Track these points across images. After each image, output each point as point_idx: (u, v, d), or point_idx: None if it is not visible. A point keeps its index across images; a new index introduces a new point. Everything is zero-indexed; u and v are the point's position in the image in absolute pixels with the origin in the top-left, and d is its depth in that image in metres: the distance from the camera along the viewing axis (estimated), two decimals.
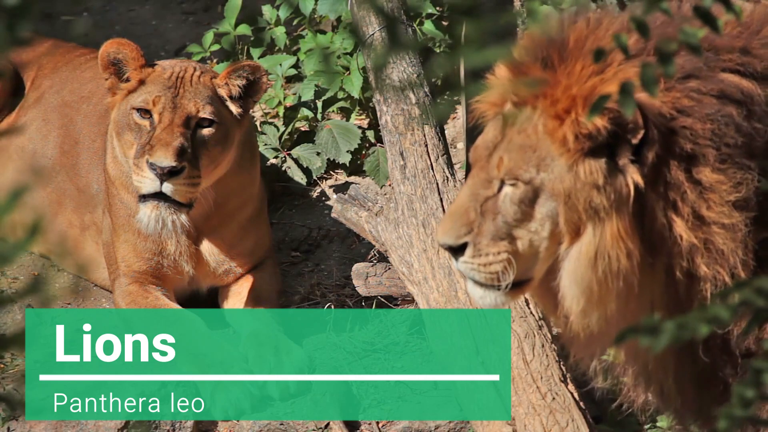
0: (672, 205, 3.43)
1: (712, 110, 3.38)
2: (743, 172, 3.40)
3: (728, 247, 3.43)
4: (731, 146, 3.40)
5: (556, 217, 3.54)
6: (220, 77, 5.10)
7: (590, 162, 3.44)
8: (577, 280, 3.53)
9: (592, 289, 3.52)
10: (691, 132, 3.39)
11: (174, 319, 5.14)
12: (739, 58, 3.41)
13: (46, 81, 5.83)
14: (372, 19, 5.07)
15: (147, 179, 4.89)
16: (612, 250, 3.46)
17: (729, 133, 3.39)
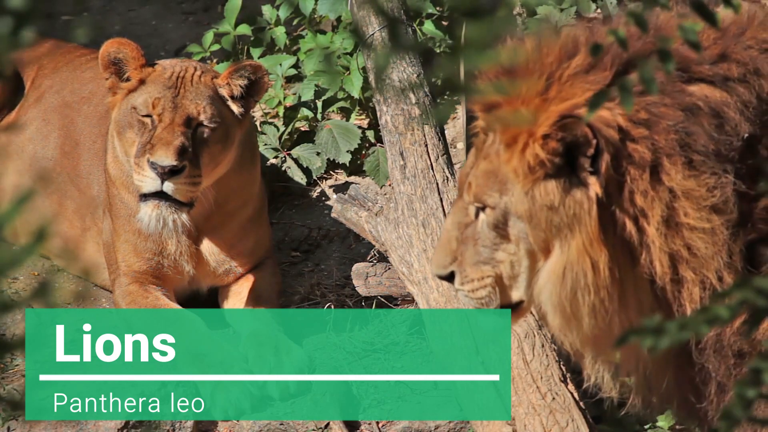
0: (641, 213, 3.46)
1: (674, 121, 3.41)
2: (717, 177, 3.42)
3: (711, 250, 3.44)
4: (703, 153, 3.42)
5: (527, 237, 3.59)
6: (221, 77, 5.10)
7: (545, 184, 3.51)
8: (550, 298, 3.59)
9: (564, 305, 3.56)
10: (651, 142, 3.43)
11: (174, 319, 5.14)
12: (711, 69, 3.43)
13: (47, 81, 5.83)
14: (372, 19, 5.07)
15: (148, 178, 4.89)
16: (577, 264, 3.51)
17: (699, 141, 3.42)
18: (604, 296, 3.52)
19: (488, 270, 3.72)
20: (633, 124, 3.42)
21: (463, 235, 3.73)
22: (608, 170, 3.43)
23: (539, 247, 3.58)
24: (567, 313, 3.57)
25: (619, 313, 3.55)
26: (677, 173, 3.41)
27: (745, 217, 3.43)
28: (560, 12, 6.24)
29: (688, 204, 3.43)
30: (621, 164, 3.44)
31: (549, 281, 3.57)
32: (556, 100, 3.46)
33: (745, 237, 3.43)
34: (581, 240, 3.47)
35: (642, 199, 3.43)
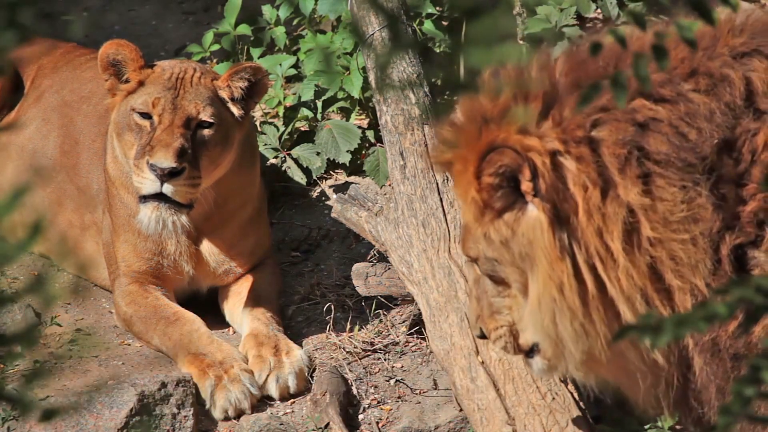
0: (602, 230, 3.47)
1: (623, 136, 3.42)
2: (686, 190, 3.42)
3: (693, 258, 3.44)
4: (664, 166, 3.42)
5: (512, 278, 3.63)
6: (221, 79, 5.10)
7: (496, 223, 3.53)
8: (537, 331, 3.61)
9: (550, 334, 3.58)
10: (595, 160, 3.44)
11: (174, 318, 5.14)
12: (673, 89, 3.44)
13: (46, 80, 5.83)
14: (372, 18, 5.07)
15: (147, 180, 4.89)
16: (546, 289, 3.53)
17: (656, 155, 3.42)
18: (581, 317, 3.53)
19: (501, 319, 3.78)
20: (572, 144, 3.44)
21: (479, 291, 3.80)
22: (551, 189, 3.44)
23: (522, 283, 3.61)
24: (554, 341, 3.59)
25: (610, 333, 3.56)
26: (631, 190, 3.42)
27: (732, 221, 3.43)
28: (560, 12, 6.23)
29: (653, 217, 3.44)
30: (567, 184, 3.46)
31: (531, 314, 3.61)
32: (485, 140, 3.49)
33: (732, 241, 3.43)
34: (543, 264, 3.50)
35: (599, 217, 3.45)
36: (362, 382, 5.05)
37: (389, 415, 4.94)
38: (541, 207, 3.46)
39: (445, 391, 4.93)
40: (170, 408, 4.79)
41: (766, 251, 3.40)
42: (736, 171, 3.41)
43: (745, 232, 3.41)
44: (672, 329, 1.84)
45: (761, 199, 3.38)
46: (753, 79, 3.42)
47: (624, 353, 3.62)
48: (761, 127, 3.40)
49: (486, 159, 3.46)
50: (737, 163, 3.41)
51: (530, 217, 3.50)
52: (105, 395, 4.71)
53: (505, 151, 3.44)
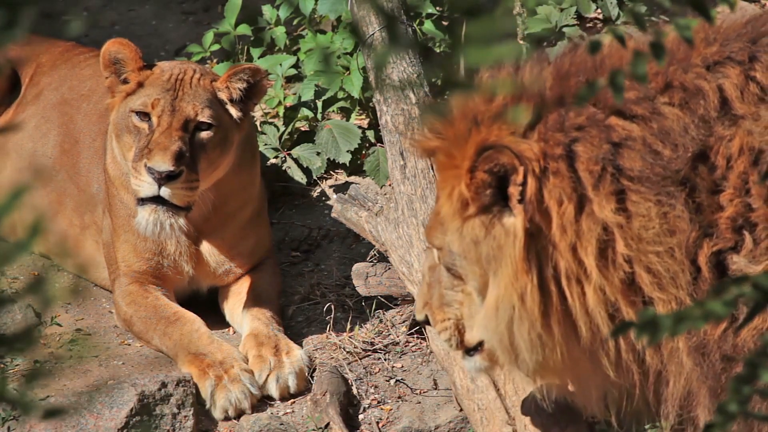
0: (575, 246, 3.48)
1: (597, 154, 3.43)
2: (660, 205, 3.43)
3: (672, 269, 3.45)
4: (639, 181, 3.43)
5: (472, 275, 3.64)
6: (220, 80, 5.09)
7: (474, 220, 3.54)
8: (491, 334, 3.63)
9: (504, 340, 3.60)
10: (570, 176, 3.46)
11: (174, 318, 5.14)
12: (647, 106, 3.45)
13: (45, 78, 5.83)
14: (372, 18, 5.07)
15: (145, 183, 4.88)
16: (506, 296, 3.55)
17: (631, 171, 3.44)
18: (540, 328, 3.55)
19: (450, 312, 3.80)
20: (551, 159, 3.47)
21: (432, 278, 3.81)
22: (534, 198, 3.46)
23: (481, 283, 3.62)
24: (508, 347, 3.61)
25: (566, 346, 3.57)
26: (605, 207, 3.44)
27: (709, 228, 3.44)
28: (560, 12, 6.24)
29: (627, 234, 3.45)
30: (544, 198, 3.48)
31: (486, 316, 3.62)
32: (477, 139, 3.50)
33: (710, 248, 3.44)
34: (508, 271, 3.52)
35: (573, 233, 3.46)
36: (362, 382, 5.05)
37: (389, 415, 4.94)
38: (521, 214, 3.49)
39: (445, 391, 4.93)
40: (170, 408, 4.79)
41: (746, 256, 3.41)
42: (712, 179, 3.42)
43: (723, 238, 3.42)
44: (670, 326, 1.85)
45: (738, 204, 3.39)
46: (726, 86, 3.43)
47: (578, 363, 3.64)
48: (736, 132, 3.41)
49: (483, 155, 3.47)
50: (713, 171, 3.43)
51: (507, 222, 3.52)
52: (105, 395, 4.71)
53: (503, 150, 3.46)
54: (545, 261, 3.51)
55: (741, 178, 3.39)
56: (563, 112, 3.50)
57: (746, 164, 3.39)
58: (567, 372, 3.68)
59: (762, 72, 3.43)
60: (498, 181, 3.50)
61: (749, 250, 3.40)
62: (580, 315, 3.53)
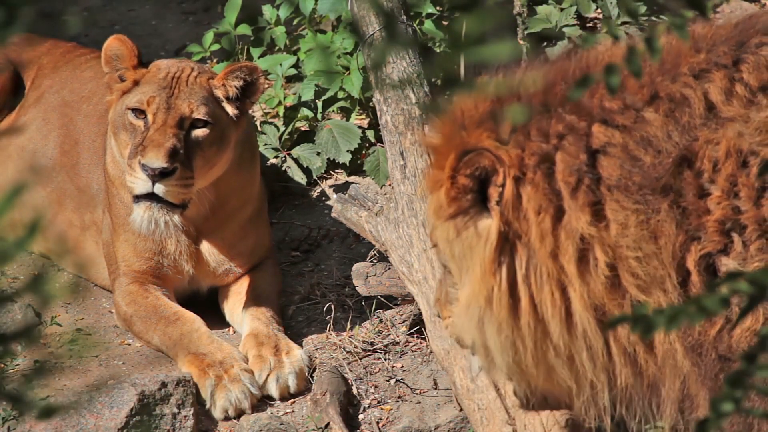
0: (553, 252, 3.50)
1: (573, 164, 3.45)
2: (638, 213, 3.44)
3: (659, 273, 3.46)
4: (620, 189, 3.44)
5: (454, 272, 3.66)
6: (217, 78, 5.09)
7: (449, 222, 3.58)
8: (465, 333, 3.64)
9: (476, 339, 3.61)
10: (546, 185, 3.48)
11: (174, 318, 5.14)
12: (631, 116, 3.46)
13: (47, 80, 5.83)
14: (372, 18, 5.07)
15: (139, 180, 4.89)
16: (475, 296, 3.56)
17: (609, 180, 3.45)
18: (508, 330, 3.56)
19: (452, 310, 3.80)
20: (530, 168, 3.49)
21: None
22: (512, 202, 3.48)
23: (460, 281, 3.64)
24: (481, 347, 3.62)
25: (539, 349, 3.58)
26: (580, 218, 3.45)
27: (697, 232, 3.44)
28: (560, 12, 6.24)
29: (605, 242, 3.46)
30: (522, 205, 3.49)
31: (459, 314, 3.64)
32: (459, 143, 3.54)
33: (698, 252, 3.44)
34: (476, 271, 3.54)
35: (551, 241, 3.48)
36: (362, 382, 5.05)
37: (389, 415, 4.94)
38: (498, 216, 3.50)
39: (446, 390, 4.93)
40: (170, 408, 4.79)
41: (735, 258, 3.41)
42: (698, 183, 3.42)
43: (711, 240, 3.42)
44: (665, 322, 1.85)
45: (726, 206, 3.39)
46: (710, 90, 3.43)
47: (553, 368, 3.64)
48: (723, 135, 3.41)
49: (464, 160, 3.50)
50: (699, 176, 3.43)
51: (481, 224, 3.54)
52: (105, 395, 4.71)
53: (484, 153, 3.48)
54: (519, 264, 3.53)
55: (729, 181, 3.39)
56: (545, 120, 3.52)
57: (734, 167, 3.39)
58: (543, 375, 3.68)
59: (749, 73, 3.43)
60: (479, 185, 3.53)
61: (738, 252, 3.40)
62: (554, 319, 3.54)
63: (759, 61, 3.43)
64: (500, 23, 1.63)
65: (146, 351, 5.19)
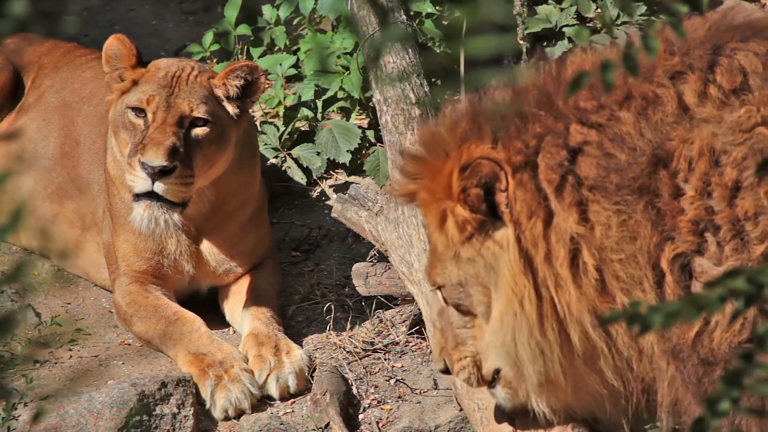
0: (547, 255, 3.51)
1: (556, 161, 3.46)
2: (619, 213, 3.45)
3: (637, 275, 3.46)
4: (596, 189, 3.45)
5: (477, 301, 3.65)
6: (217, 77, 5.09)
7: (470, 241, 3.60)
8: (498, 350, 3.64)
9: (510, 353, 3.61)
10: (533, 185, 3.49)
11: (174, 318, 5.14)
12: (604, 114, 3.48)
13: (47, 81, 5.84)
14: (372, 18, 5.07)
15: (139, 178, 4.89)
16: (508, 305, 3.58)
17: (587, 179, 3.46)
18: (538, 335, 3.56)
19: (465, 350, 3.81)
20: (515, 168, 3.52)
21: (443, 323, 3.82)
22: (515, 200, 3.50)
23: (486, 305, 3.64)
24: (514, 361, 3.62)
25: (565, 355, 3.59)
26: (568, 219, 3.47)
27: (671, 232, 3.45)
28: (560, 12, 6.24)
29: (591, 244, 3.48)
30: (514, 208, 3.51)
31: (492, 332, 3.64)
32: (452, 165, 3.56)
33: (671, 252, 3.44)
34: (506, 276, 3.54)
35: (544, 244, 3.49)
36: (362, 382, 5.04)
37: (389, 415, 4.94)
38: (509, 218, 3.51)
39: (445, 390, 4.93)
40: (170, 408, 4.79)
41: (710, 258, 3.41)
42: (674, 183, 3.43)
43: (685, 241, 3.42)
44: (662, 320, 1.84)
45: (699, 207, 3.40)
46: (685, 92, 3.45)
47: (583, 377, 3.65)
48: (697, 135, 3.42)
49: (467, 173, 3.51)
50: (675, 175, 3.44)
51: (498, 234, 3.54)
52: (105, 395, 4.71)
53: (481, 162, 3.50)
54: (534, 272, 3.54)
55: (702, 180, 3.40)
56: (523, 123, 3.54)
57: (707, 165, 3.40)
58: (572, 386, 3.67)
59: (722, 75, 3.44)
60: (486, 194, 3.54)
61: (713, 252, 3.40)
62: (569, 322, 3.55)
63: (732, 64, 3.45)
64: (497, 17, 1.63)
65: (146, 351, 5.19)
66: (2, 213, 2.04)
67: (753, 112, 3.41)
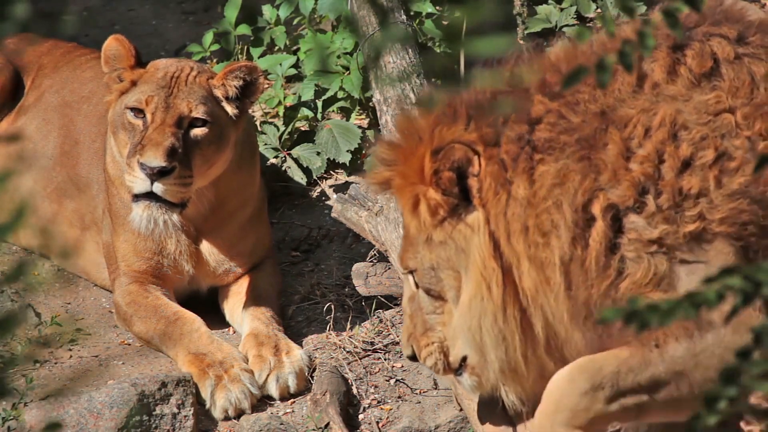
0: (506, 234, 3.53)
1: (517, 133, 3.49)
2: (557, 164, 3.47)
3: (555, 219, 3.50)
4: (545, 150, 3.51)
5: (448, 285, 3.66)
6: (216, 78, 5.09)
7: (443, 224, 3.60)
8: (464, 334, 3.66)
9: (475, 338, 3.62)
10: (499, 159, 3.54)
11: (174, 318, 5.13)
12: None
13: (47, 80, 5.84)
14: (372, 18, 5.07)
15: (138, 179, 4.89)
16: (476, 289, 3.59)
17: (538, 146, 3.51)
18: (501, 322, 3.57)
19: (433, 336, 3.81)
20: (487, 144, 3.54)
21: (413, 308, 3.81)
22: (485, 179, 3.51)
23: (456, 289, 3.64)
24: (478, 346, 3.63)
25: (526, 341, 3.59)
26: (520, 186, 3.51)
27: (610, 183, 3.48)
28: (560, 12, 6.24)
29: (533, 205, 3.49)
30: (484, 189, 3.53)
31: (461, 317, 3.65)
32: (428, 145, 3.59)
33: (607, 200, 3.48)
34: (476, 262, 3.56)
35: (503, 221, 3.52)
36: (362, 382, 5.04)
37: (389, 415, 4.94)
38: (479, 201, 3.53)
39: (445, 390, 4.93)
40: (170, 408, 4.79)
41: (646, 218, 3.44)
42: (626, 145, 3.47)
43: (623, 195, 3.45)
44: (659, 318, 1.85)
45: (648, 167, 3.44)
46: (655, 68, 3.49)
47: (546, 367, 3.65)
48: (661, 107, 3.44)
49: (439, 156, 3.53)
50: (629, 139, 3.48)
51: (470, 216, 3.55)
52: (105, 395, 4.71)
53: (453, 146, 3.52)
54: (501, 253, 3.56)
55: (656, 148, 3.45)
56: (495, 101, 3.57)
57: (665, 135, 3.45)
58: (534, 375, 3.68)
59: (692, 58, 3.48)
60: (459, 178, 3.55)
61: (650, 213, 3.44)
62: (533, 309, 3.56)
63: (704, 50, 3.48)
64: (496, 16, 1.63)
65: (146, 351, 5.19)
66: (3, 212, 2.04)
67: (722, 98, 3.46)
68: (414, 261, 3.70)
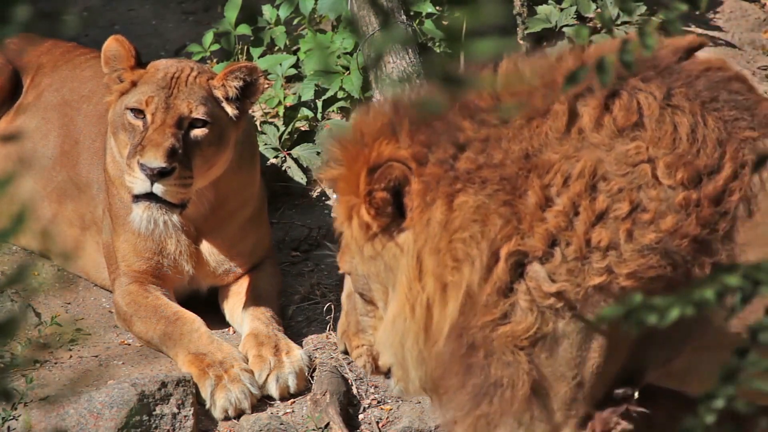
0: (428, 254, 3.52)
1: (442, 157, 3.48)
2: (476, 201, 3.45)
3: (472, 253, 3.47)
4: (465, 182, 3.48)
5: (378, 296, 3.66)
6: (216, 78, 5.10)
7: (375, 239, 3.58)
8: (386, 349, 3.65)
9: (397, 354, 3.63)
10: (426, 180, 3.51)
11: (174, 318, 5.14)
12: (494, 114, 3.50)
13: (46, 79, 5.84)
14: (372, 18, 5.07)
15: (138, 180, 4.89)
16: (400, 307, 3.57)
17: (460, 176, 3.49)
18: (421, 344, 3.56)
19: (364, 338, 3.81)
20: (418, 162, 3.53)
21: (349, 306, 3.83)
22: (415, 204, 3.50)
23: (386, 302, 3.64)
24: (400, 362, 3.63)
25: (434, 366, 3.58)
26: (438, 209, 3.50)
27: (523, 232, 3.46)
28: (560, 12, 6.24)
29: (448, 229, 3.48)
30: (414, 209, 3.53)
31: (384, 332, 3.64)
32: (364, 161, 3.55)
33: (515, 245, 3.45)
34: (402, 283, 3.55)
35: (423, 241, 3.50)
36: (362, 382, 5.04)
37: (389, 415, 4.94)
38: (410, 221, 3.52)
39: None
40: (170, 408, 4.79)
41: (549, 270, 3.41)
42: (544, 193, 3.43)
43: (533, 246, 3.41)
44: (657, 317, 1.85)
45: (562, 221, 3.40)
46: (584, 115, 3.46)
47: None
48: (584, 156, 3.42)
49: (375, 176, 3.51)
50: (548, 188, 3.43)
51: (402, 235, 3.54)
52: (105, 395, 4.71)
53: (391, 165, 3.49)
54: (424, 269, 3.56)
55: (572, 200, 3.40)
56: (435, 121, 3.54)
57: (582, 187, 3.40)
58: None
59: (619, 110, 3.45)
60: (395, 197, 3.53)
61: (555, 265, 3.40)
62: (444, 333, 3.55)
63: (631, 103, 3.46)
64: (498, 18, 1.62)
65: (146, 351, 5.19)
66: (2, 213, 2.04)
67: (642, 149, 3.42)
68: (349, 265, 3.70)
